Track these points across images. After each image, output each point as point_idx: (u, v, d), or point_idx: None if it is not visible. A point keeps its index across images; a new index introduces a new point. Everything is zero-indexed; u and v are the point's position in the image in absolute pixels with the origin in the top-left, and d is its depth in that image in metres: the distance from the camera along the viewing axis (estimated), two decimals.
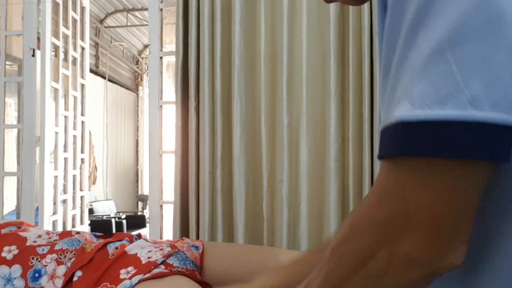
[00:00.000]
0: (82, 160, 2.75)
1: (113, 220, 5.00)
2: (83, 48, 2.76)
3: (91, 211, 5.28)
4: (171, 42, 2.54)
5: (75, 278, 1.14)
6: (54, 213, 2.41)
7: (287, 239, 1.64)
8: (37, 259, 1.18)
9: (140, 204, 7.56)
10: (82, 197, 2.76)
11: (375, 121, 1.59)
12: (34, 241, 1.24)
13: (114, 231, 4.85)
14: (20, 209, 2.26)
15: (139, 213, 6.81)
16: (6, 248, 1.20)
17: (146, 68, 7.65)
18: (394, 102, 0.39)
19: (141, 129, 7.87)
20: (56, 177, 2.42)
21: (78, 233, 1.30)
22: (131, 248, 1.21)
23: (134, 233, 1.38)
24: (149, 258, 1.15)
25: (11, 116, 4.00)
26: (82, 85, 2.75)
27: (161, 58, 1.93)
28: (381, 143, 0.41)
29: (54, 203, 2.41)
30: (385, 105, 0.42)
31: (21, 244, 1.22)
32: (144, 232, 4.75)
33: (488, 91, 0.35)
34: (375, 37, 1.56)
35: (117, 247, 1.22)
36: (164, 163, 1.95)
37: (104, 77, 6.55)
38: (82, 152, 2.74)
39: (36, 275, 1.16)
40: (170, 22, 2.59)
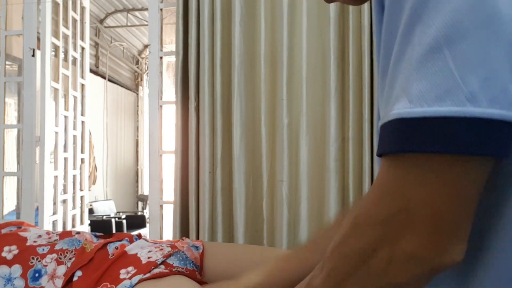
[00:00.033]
0: (82, 160, 2.76)
1: (113, 220, 5.00)
2: (83, 48, 2.76)
3: (91, 211, 5.28)
4: (171, 42, 2.54)
5: (75, 278, 1.14)
6: (54, 213, 2.41)
7: (287, 239, 1.64)
8: (37, 259, 1.18)
9: (140, 204, 7.56)
10: (82, 197, 2.76)
11: (375, 121, 1.58)
12: (34, 241, 1.24)
13: (114, 231, 4.85)
14: (20, 209, 2.26)
15: (139, 213, 6.81)
16: (6, 248, 1.20)
17: (146, 68, 7.65)
18: (393, 100, 0.39)
19: (141, 129, 7.87)
20: (56, 177, 2.42)
21: (78, 233, 1.30)
22: (131, 248, 1.21)
23: (134, 233, 1.38)
24: (149, 258, 1.15)
25: (11, 116, 3.99)
26: (82, 85, 2.75)
27: (161, 58, 1.93)
28: (380, 141, 0.41)
29: (54, 203, 2.41)
30: (384, 103, 0.42)
31: (21, 244, 1.22)
32: (144, 232, 4.76)
33: (486, 88, 0.36)
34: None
35: (117, 247, 1.22)
36: (164, 163, 1.95)
37: (104, 77, 6.55)
38: (82, 152, 2.74)
39: (36, 275, 1.16)
40: (170, 22, 2.59)
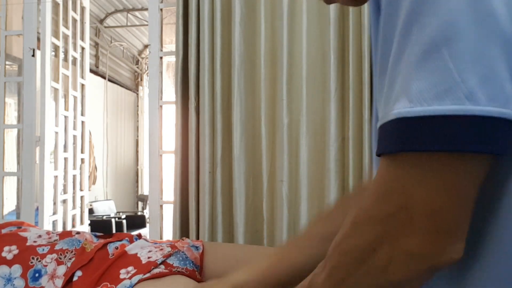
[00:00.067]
0: (82, 160, 2.76)
1: (113, 220, 5.00)
2: (83, 48, 2.76)
3: (91, 211, 5.28)
4: (171, 42, 2.54)
5: (75, 278, 1.14)
6: (54, 213, 2.41)
7: (287, 239, 1.64)
8: (37, 259, 1.18)
9: (140, 204, 7.56)
10: (82, 197, 2.76)
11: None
12: (34, 241, 1.24)
13: (114, 231, 4.85)
14: (20, 209, 2.26)
15: (139, 213, 6.80)
16: (6, 248, 1.20)
17: (146, 68, 7.65)
18: (393, 100, 0.39)
19: (141, 129, 7.87)
20: (56, 177, 2.42)
21: (78, 233, 1.30)
22: (131, 248, 1.21)
23: (134, 233, 1.38)
24: (149, 258, 1.15)
25: (11, 116, 3.99)
26: (82, 85, 2.75)
27: (161, 58, 1.93)
28: (380, 140, 0.41)
29: (54, 203, 2.41)
30: (383, 103, 0.42)
31: (21, 244, 1.22)
32: (144, 232, 4.75)
33: (484, 86, 0.36)
34: None
35: (117, 247, 1.22)
36: (164, 163, 1.95)
37: (104, 77, 6.54)
38: (82, 152, 2.74)
39: (36, 275, 1.16)
40: (170, 22, 2.59)
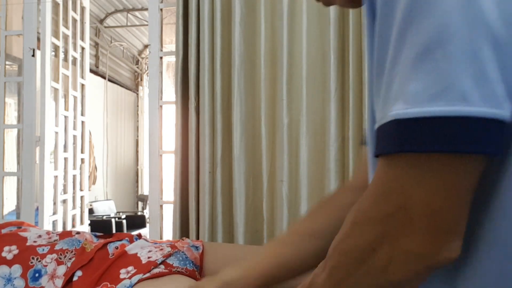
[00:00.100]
0: (82, 160, 2.76)
1: (113, 220, 5.00)
2: (83, 48, 2.76)
3: (91, 211, 5.28)
4: (171, 42, 2.54)
5: (75, 278, 1.14)
6: (54, 213, 2.41)
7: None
8: (37, 259, 1.18)
9: (140, 204, 7.56)
10: (82, 197, 2.76)
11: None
12: (34, 241, 1.24)
13: (114, 231, 4.85)
14: (20, 209, 2.26)
15: (139, 213, 6.80)
16: (6, 248, 1.20)
17: (146, 68, 7.65)
18: (390, 101, 0.40)
19: (141, 129, 7.87)
20: (56, 177, 2.42)
21: (78, 233, 1.30)
22: (131, 248, 1.21)
23: (134, 233, 1.38)
24: (149, 258, 1.15)
25: (11, 116, 3.99)
26: (82, 85, 2.75)
27: (161, 58, 1.93)
28: (378, 141, 0.42)
29: (54, 203, 2.41)
30: (381, 105, 0.43)
31: (21, 244, 1.22)
32: (144, 232, 4.75)
33: (477, 87, 0.36)
34: None
35: (117, 247, 1.22)
36: (164, 163, 1.95)
37: (104, 77, 6.55)
38: (82, 152, 2.74)
39: (36, 275, 1.16)
40: (170, 22, 2.59)
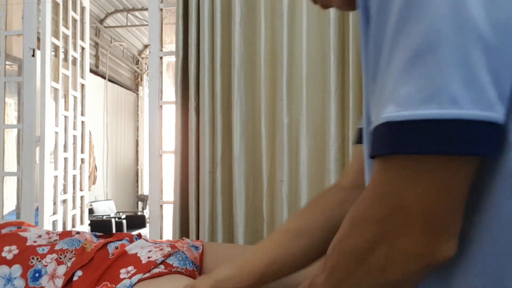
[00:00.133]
0: (82, 160, 2.76)
1: (113, 220, 5.00)
2: (83, 48, 2.76)
3: (91, 211, 5.27)
4: (171, 42, 2.54)
5: (75, 278, 1.14)
6: (54, 213, 2.41)
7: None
8: (37, 259, 1.18)
9: (140, 204, 7.56)
10: (82, 197, 2.76)
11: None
12: (34, 241, 1.24)
13: (114, 231, 4.85)
14: (20, 209, 2.26)
15: (139, 213, 6.80)
16: (6, 248, 1.20)
17: (146, 68, 7.65)
18: (383, 104, 0.41)
19: (141, 129, 7.87)
20: (56, 177, 2.42)
21: (78, 233, 1.30)
22: (131, 248, 1.21)
23: (134, 233, 1.38)
24: (149, 258, 1.15)
25: (11, 116, 3.99)
26: (82, 85, 2.75)
27: (161, 58, 1.93)
28: (372, 143, 0.43)
29: (54, 203, 2.41)
30: (375, 107, 0.44)
31: (21, 244, 1.22)
32: (144, 232, 4.75)
33: (467, 90, 0.37)
34: None
35: (117, 247, 1.22)
36: (164, 163, 1.95)
37: (104, 77, 6.54)
38: (82, 152, 2.74)
39: (37, 275, 1.16)
40: (170, 22, 2.59)
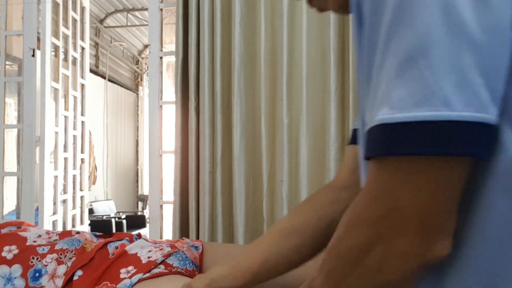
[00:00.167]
0: (82, 160, 2.76)
1: (113, 220, 5.00)
2: (83, 48, 2.76)
3: (91, 211, 5.27)
4: (171, 42, 2.54)
5: (76, 277, 1.14)
6: (54, 213, 2.41)
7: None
8: (38, 259, 1.18)
9: (140, 204, 7.56)
10: (82, 197, 2.76)
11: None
12: (34, 241, 1.24)
13: (114, 231, 4.85)
14: (20, 209, 2.27)
15: (139, 213, 6.80)
16: (6, 248, 1.20)
17: (146, 68, 7.65)
18: (376, 106, 0.42)
19: (141, 129, 7.87)
20: (56, 177, 2.42)
21: (78, 233, 1.30)
22: (131, 248, 1.21)
23: (134, 233, 1.38)
24: (149, 258, 1.15)
25: (11, 116, 3.99)
26: (82, 85, 2.75)
27: (161, 58, 1.93)
28: (367, 145, 0.43)
29: (54, 203, 2.41)
30: (369, 109, 0.44)
31: (21, 244, 1.22)
32: (144, 232, 4.75)
33: (459, 92, 0.38)
34: None
35: (117, 247, 1.22)
36: (164, 163, 1.95)
37: (104, 77, 6.54)
38: (82, 152, 2.74)
39: (37, 275, 1.16)
40: (170, 22, 2.59)
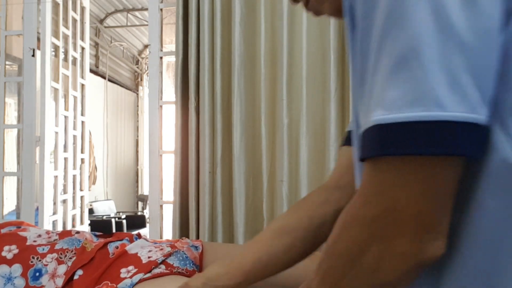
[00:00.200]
0: (82, 160, 2.76)
1: (113, 220, 5.00)
2: (83, 48, 2.76)
3: (91, 211, 5.27)
4: (171, 42, 2.55)
5: (76, 277, 1.14)
6: (54, 213, 2.41)
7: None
8: (38, 259, 1.19)
9: (140, 204, 7.56)
10: (82, 197, 2.76)
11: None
12: (34, 241, 1.24)
13: (114, 231, 4.85)
14: (20, 209, 2.27)
15: (139, 213, 6.80)
16: (6, 248, 1.20)
17: (146, 68, 7.65)
18: (371, 107, 0.43)
19: (141, 129, 7.87)
20: (56, 177, 2.42)
21: (78, 233, 1.30)
22: (132, 248, 1.21)
23: (134, 233, 1.38)
24: (150, 258, 1.15)
25: (11, 116, 3.99)
26: (82, 85, 2.75)
27: (161, 58, 1.93)
28: (362, 146, 0.44)
29: (54, 203, 2.41)
30: (363, 111, 0.45)
31: (21, 244, 1.22)
32: (144, 232, 4.75)
33: (452, 93, 0.39)
34: None
35: (118, 247, 1.22)
36: (164, 163, 1.95)
37: (104, 77, 6.54)
38: (82, 152, 2.74)
39: (37, 274, 1.16)
40: (170, 22, 2.59)
